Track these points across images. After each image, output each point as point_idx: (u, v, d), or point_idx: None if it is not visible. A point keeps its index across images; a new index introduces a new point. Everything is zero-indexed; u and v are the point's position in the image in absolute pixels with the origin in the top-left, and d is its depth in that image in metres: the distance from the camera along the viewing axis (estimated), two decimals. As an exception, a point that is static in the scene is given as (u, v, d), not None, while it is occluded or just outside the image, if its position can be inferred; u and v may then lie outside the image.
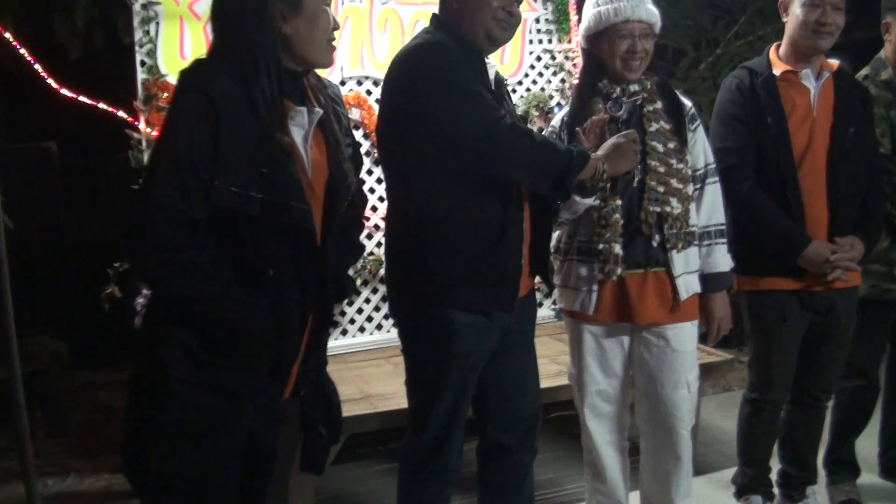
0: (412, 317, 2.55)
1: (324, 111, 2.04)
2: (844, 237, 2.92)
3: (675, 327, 2.73)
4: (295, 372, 2.06)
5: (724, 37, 5.82)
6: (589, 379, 2.80)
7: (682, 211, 2.67)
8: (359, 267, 4.29)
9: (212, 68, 1.87)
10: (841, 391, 3.37)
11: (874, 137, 3.10)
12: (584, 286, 2.70)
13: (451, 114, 2.30)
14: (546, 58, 4.83)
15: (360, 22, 4.38)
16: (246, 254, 1.89)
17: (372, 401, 3.49)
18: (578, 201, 2.54)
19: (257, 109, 1.84)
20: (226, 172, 1.80)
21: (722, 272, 2.79)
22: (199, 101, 1.81)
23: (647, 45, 2.67)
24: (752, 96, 2.96)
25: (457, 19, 2.46)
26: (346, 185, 2.09)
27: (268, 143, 1.85)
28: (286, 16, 1.90)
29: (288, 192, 1.88)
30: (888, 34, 3.29)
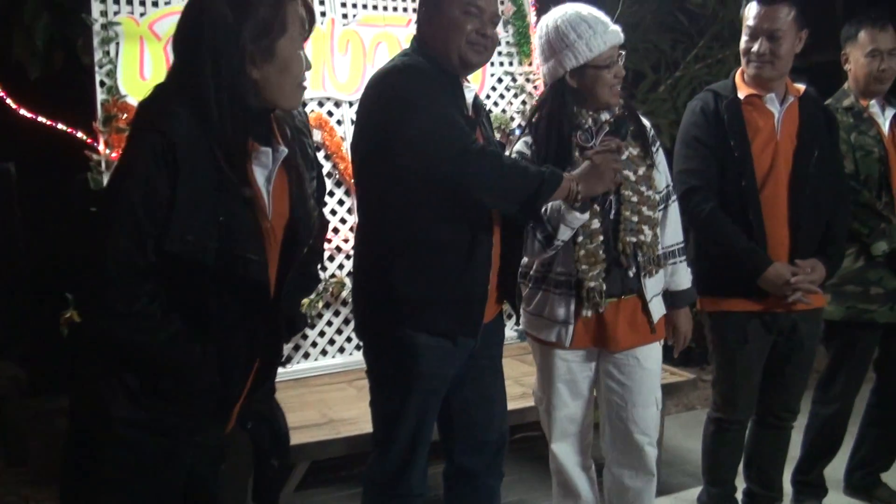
0: (377, 337, 2.54)
1: (289, 148, 1.94)
2: (806, 260, 2.95)
3: (645, 347, 2.74)
4: (237, 408, 1.99)
5: (683, 60, 5.90)
6: (558, 403, 2.78)
7: (653, 237, 2.68)
8: (321, 289, 4.26)
9: (172, 105, 1.75)
10: (814, 416, 3.39)
11: (840, 162, 3.14)
12: (560, 319, 2.67)
13: (421, 136, 2.29)
14: (507, 80, 4.87)
15: (322, 43, 4.37)
16: (193, 300, 1.81)
17: (335, 426, 3.45)
18: (579, 217, 2.49)
19: (217, 157, 1.75)
20: (182, 220, 1.71)
21: (686, 289, 2.82)
22: (158, 142, 1.70)
23: (619, 70, 2.66)
24: (716, 119, 2.99)
25: (431, 43, 2.45)
26: (308, 227, 2.00)
27: (227, 190, 1.76)
28: (257, 61, 1.79)
29: (244, 243, 1.79)
30: (847, 64, 3.39)
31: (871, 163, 3.25)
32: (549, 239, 2.53)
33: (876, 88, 3.33)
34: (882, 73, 3.30)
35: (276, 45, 1.80)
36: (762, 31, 2.92)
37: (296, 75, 1.86)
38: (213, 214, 1.74)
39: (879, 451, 3.57)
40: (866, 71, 3.30)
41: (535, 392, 2.91)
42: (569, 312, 2.65)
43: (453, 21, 2.40)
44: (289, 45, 1.82)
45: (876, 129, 3.31)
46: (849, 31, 3.38)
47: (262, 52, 1.79)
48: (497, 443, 2.68)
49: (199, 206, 1.73)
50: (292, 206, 1.95)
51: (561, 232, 2.51)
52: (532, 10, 4.94)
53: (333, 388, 4.02)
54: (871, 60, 3.29)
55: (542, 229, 2.53)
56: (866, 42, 3.30)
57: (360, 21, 4.51)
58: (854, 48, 3.35)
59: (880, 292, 3.26)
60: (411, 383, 2.46)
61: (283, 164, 1.91)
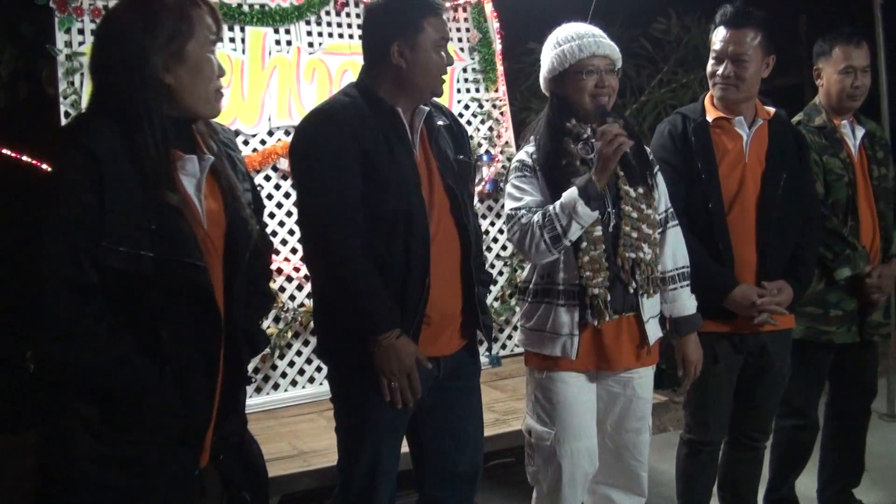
0: (337, 363, 2.55)
1: (216, 157, 1.96)
2: (773, 281, 2.96)
3: (641, 374, 2.74)
4: (210, 437, 1.96)
5: (647, 85, 5.97)
6: (570, 437, 2.68)
7: (653, 256, 2.68)
8: (290, 319, 4.23)
9: (92, 123, 1.79)
10: (779, 430, 3.40)
11: (810, 184, 3.15)
12: (566, 331, 2.64)
13: (301, 192, 2.46)
14: (474, 106, 4.89)
15: (288, 72, 4.39)
16: (142, 318, 1.80)
17: (306, 458, 3.41)
18: (591, 214, 2.49)
19: (142, 164, 1.76)
20: (113, 231, 1.72)
21: (691, 314, 2.81)
22: (81, 158, 1.71)
23: (613, 81, 2.67)
24: (684, 141, 3.01)
25: (398, 77, 2.45)
26: (247, 233, 2.00)
27: (155, 198, 1.77)
28: (169, 65, 1.83)
29: (180, 249, 1.79)
30: (819, 79, 3.41)
31: (840, 187, 3.27)
32: (556, 239, 2.53)
33: (848, 105, 3.35)
34: (855, 91, 3.31)
35: (186, 49, 1.85)
36: (728, 54, 2.95)
37: (208, 78, 1.90)
38: (143, 223, 1.75)
39: (846, 466, 3.58)
40: (839, 87, 3.31)
41: (532, 430, 2.78)
42: (574, 323, 2.62)
43: (431, 58, 2.44)
44: (198, 48, 1.88)
45: (846, 151, 3.32)
46: (822, 47, 3.39)
47: (172, 57, 1.84)
48: (469, 474, 2.66)
49: (128, 216, 1.74)
50: (227, 214, 1.96)
51: (572, 230, 2.51)
52: (497, 38, 4.99)
53: (303, 420, 3.97)
54: (844, 77, 3.30)
55: (549, 229, 2.52)
56: (840, 59, 3.31)
57: (326, 49, 4.53)
58: (827, 64, 3.36)
59: (839, 314, 3.29)
60: (368, 410, 2.46)
61: (213, 173, 1.94)
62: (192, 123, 1.95)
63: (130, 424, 1.79)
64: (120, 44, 1.81)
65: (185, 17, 1.86)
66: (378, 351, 2.35)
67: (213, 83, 1.92)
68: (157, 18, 1.82)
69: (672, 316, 2.80)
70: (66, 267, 1.70)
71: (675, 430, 4.78)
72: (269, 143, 4.33)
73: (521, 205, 2.63)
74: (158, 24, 1.82)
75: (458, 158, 2.58)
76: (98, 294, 1.74)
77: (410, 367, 2.38)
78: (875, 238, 3.35)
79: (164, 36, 1.82)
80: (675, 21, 5.97)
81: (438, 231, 2.47)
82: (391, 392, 2.39)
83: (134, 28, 1.81)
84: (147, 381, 1.78)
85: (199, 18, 1.89)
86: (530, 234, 2.56)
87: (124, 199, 1.73)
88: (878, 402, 4.68)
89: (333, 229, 2.34)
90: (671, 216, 2.81)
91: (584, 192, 2.48)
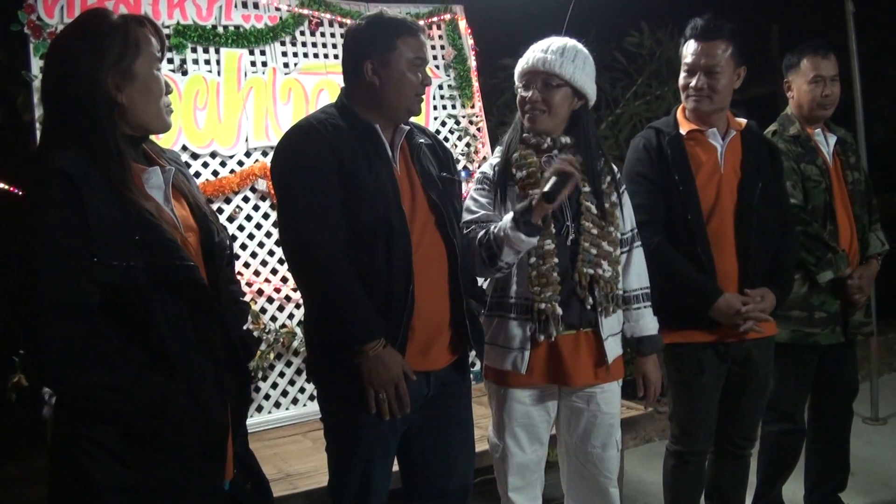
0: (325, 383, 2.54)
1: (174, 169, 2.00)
2: (755, 289, 2.98)
3: (604, 389, 2.73)
4: (231, 446, 1.97)
5: (622, 97, 6.01)
6: (515, 450, 2.74)
7: (613, 274, 2.68)
8: (272, 340, 4.20)
9: (57, 147, 1.80)
10: (766, 435, 3.41)
11: (784, 192, 3.20)
12: (516, 345, 2.65)
13: (282, 206, 2.46)
14: (451, 123, 4.90)
15: (264, 93, 4.38)
16: (145, 331, 1.80)
17: (292, 480, 3.37)
18: (524, 240, 2.48)
19: (113, 180, 1.79)
20: (102, 248, 1.74)
21: (652, 335, 2.81)
22: (59, 182, 1.73)
23: (547, 94, 2.65)
24: (660, 155, 3.03)
25: (372, 95, 2.47)
26: (220, 238, 2.03)
27: (132, 210, 1.79)
28: (120, 85, 1.87)
29: (168, 254, 1.82)
30: (790, 92, 3.49)
31: (818, 193, 3.33)
32: (493, 258, 2.53)
33: (819, 114, 3.43)
34: (825, 99, 3.40)
35: (134, 67, 1.89)
36: (700, 66, 2.98)
37: (157, 95, 1.94)
38: (128, 235, 1.77)
39: (831, 468, 3.61)
40: (810, 97, 3.39)
41: (490, 439, 2.86)
42: (525, 337, 2.63)
43: (404, 77, 2.45)
44: (146, 65, 1.91)
45: (821, 158, 3.39)
46: (791, 60, 3.48)
47: (122, 75, 1.87)
48: (458, 493, 2.65)
49: (112, 230, 1.75)
50: (197, 219, 2.01)
51: (505, 253, 2.51)
52: (472, 55, 5.01)
53: (289, 441, 3.94)
54: (814, 87, 3.39)
55: (486, 248, 2.54)
56: (809, 69, 3.40)
57: (302, 70, 4.53)
58: (797, 76, 3.45)
59: (823, 316, 3.34)
60: (358, 430, 2.44)
61: (174, 185, 1.98)
62: (143, 141, 1.99)
63: (151, 441, 1.78)
64: (71, 67, 1.84)
65: (132, 37, 1.89)
66: (365, 361, 2.34)
67: (163, 99, 1.96)
68: (104, 40, 1.86)
69: (634, 335, 2.80)
70: (66, 290, 1.70)
71: (659, 440, 4.79)
72: (246, 165, 4.31)
73: (472, 218, 2.66)
74: (106, 45, 1.86)
75: (441, 176, 2.59)
76: (103, 317, 1.75)
77: (398, 377, 2.37)
78: (853, 241, 3.42)
79: (113, 56, 1.86)
80: (648, 34, 6.04)
81: (422, 243, 2.47)
82: (378, 403, 2.38)
83: (83, 51, 1.84)
84: (165, 394, 1.78)
85: (145, 38, 1.92)
86: (472, 250, 2.58)
87: (105, 216, 1.75)
88: (863, 406, 4.75)
89: (315, 239, 2.34)
90: (636, 236, 2.81)
91: (515, 219, 2.48)
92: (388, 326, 2.39)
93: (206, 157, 4.23)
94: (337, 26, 4.70)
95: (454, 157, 2.83)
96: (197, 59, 4.28)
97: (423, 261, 2.45)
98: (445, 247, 2.53)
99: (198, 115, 4.20)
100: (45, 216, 1.73)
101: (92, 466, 1.74)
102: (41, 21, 3.88)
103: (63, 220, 1.72)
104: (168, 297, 1.82)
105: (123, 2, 4.07)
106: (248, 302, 2.44)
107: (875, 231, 3.51)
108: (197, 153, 4.19)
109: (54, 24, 3.91)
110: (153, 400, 1.77)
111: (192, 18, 4.26)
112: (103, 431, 1.76)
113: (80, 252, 1.72)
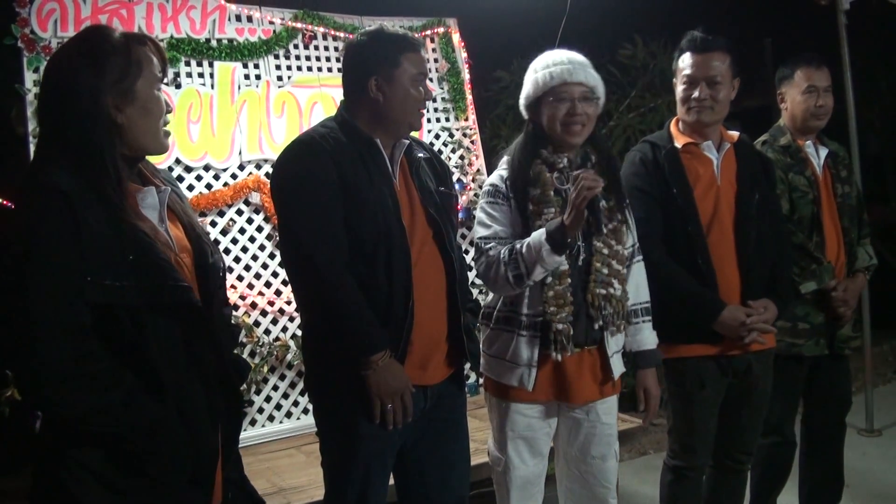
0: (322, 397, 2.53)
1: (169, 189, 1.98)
2: (758, 300, 2.97)
3: (604, 402, 2.72)
4: (220, 473, 1.93)
5: (616, 110, 6.02)
6: (518, 462, 2.72)
7: (622, 292, 2.66)
8: (265, 354, 4.19)
9: (53, 164, 1.76)
10: (758, 449, 3.40)
11: (778, 204, 3.21)
12: (524, 362, 2.62)
13: (284, 220, 2.45)
14: (444, 135, 4.91)
15: (257, 106, 4.38)
16: (136, 352, 1.77)
17: (286, 495, 3.36)
18: (557, 260, 2.48)
19: (108, 199, 1.75)
20: (95, 267, 1.70)
21: (652, 349, 2.79)
22: (54, 199, 1.70)
23: (589, 108, 2.64)
24: (656, 169, 3.03)
25: (376, 110, 2.47)
26: (213, 259, 2.01)
27: (127, 229, 1.76)
28: (120, 106, 1.84)
29: (162, 274, 1.78)
30: (783, 103, 3.51)
31: (805, 204, 3.33)
32: (519, 278, 2.51)
33: (813, 125, 3.44)
34: (819, 110, 3.41)
35: (135, 88, 1.86)
36: (701, 77, 2.98)
37: (157, 116, 1.91)
38: (122, 254, 1.74)
39: (825, 481, 3.59)
40: (804, 108, 3.41)
41: (490, 452, 2.83)
42: (533, 355, 2.60)
43: (407, 92, 2.46)
44: (146, 86, 1.88)
45: (810, 169, 3.40)
46: (784, 72, 3.50)
47: (122, 96, 1.84)
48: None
49: (106, 250, 1.72)
50: (191, 240, 1.98)
51: (536, 273, 2.49)
52: (466, 68, 5.03)
53: (282, 455, 3.93)
54: (808, 97, 3.40)
55: (513, 267, 2.51)
56: (802, 80, 3.42)
57: (295, 83, 4.54)
58: (790, 87, 3.46)
59: (807, 328, 3.34)
60: (356, 445, 2.44)
61: (168, 205, 1.95)
62: (140, 161, 1.96)
63: (139, 466, 1.75)
64: (70, 86, 1.81)
65: (133, 57, 1.86)
66: (372, 373, 2.34)
67: (162, 119, 1.93)
68: (104, 59, 1.82)
69: (633, 350, 2.78)
70: (59, 309, 1.67)
71: (655, 453, 4.78)
72: (240, 178, 4.32)
73: (489, 234, 2.62)
74: (106, 65, 1.82)
75: (439, 190, 2.60)
76: (93, 337, 1.72)
77: (405, 387, 2.38)
78: (840, 253, 3.42)
79: (113, 76, 1.83)
80: (641, 47, 6.05)
81: (421, 257, 2.47)
82: (384, 414, 2.38)
83: (83, 69, 1.81)
84: (156, 417, 1.75)
85: (146, 57, 1.89)
86: (495, 267, 2.55)
87: (99, 235, 1.72)
88: (857, 418, 4.75)
89: (317, 253, 2.33)
90: (637, 251, 2.80)
91: (551, 238, 2.46)
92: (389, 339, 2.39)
93: (199, 169, 4.24)
94: (331, 39, 4.71)
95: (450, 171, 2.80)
96: (190, 73, 4.28)
97: (421, 275, 2.45)
98: (443, 261, 2.53)
99: (191, 129, 4.20)
100: (40, 233, 1.70)
101: (78, 490, 1.71)
102: (35, 35, 3.89)
103: (58, 237, 1.69)
104: (161, 319, 1.78)
105: (117, 15, 4.07)
106: (239, 324, 2.41)
107: (864, 245, 3.51)
108: (190, 166, 4.20)
109: (48, 37, 3.92)
110: (143, 423, 1.74)
111: (186, 32, 4.26)
112: (91, 454, 1.73)
113: (75, 271, 1.68)
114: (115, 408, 1.71)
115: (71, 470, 1.72)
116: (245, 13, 4.47)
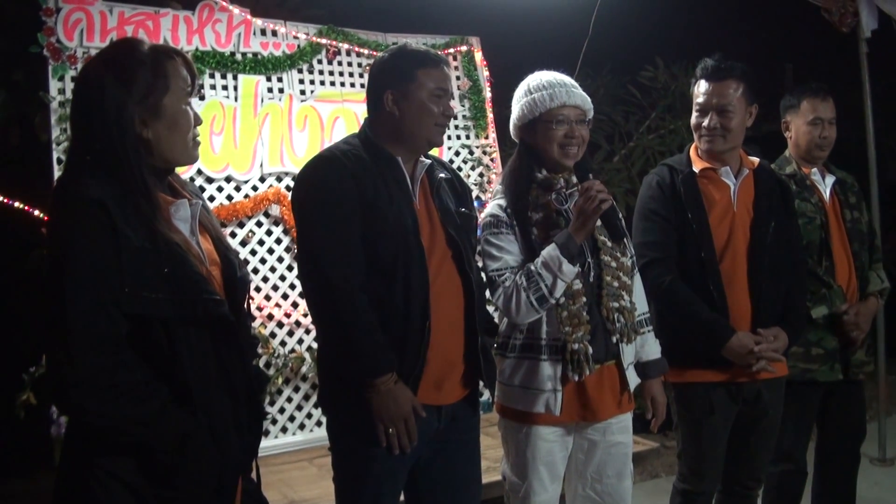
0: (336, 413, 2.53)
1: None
2: (768, 328, 2.97)
3: (619, 419, 2.72)
4: (240, 485, 1.95)
5: (636, 131, 6.03)
6: (539, 489, 2.68)
7: (631, 304, 2.68)
8: (280, 365, 4.21)
9: (88, 176, 1.77)
10: (769, 476, 3.39)
11: (797, 232, 3.20)
12: (549, 387, 2.60)
13: (302, 235, 2.47)
14: (464, 153, 4.94)
15: (280, 119, 4.42)
16: (170, 363, 1.78)
17: (297, 507, 3.38)
18: (573, 269, 2.50)
19: (142, 211, 1.76)
20: (133, 278, 1.71)
21: (658, 358, 2.81)
22: (92, 209, 1.70)
23: (584, 131, 2.66)
24: (673, 193, 3.04)
25: (393, 125, 2.48)
26: (241, 273, 2.01)
27: (161, 242, 1.77)
28: (147, 121, 1.83)
29: (197, 287, 1.79)
30: (788, 132, 3.54)
31: (812, 229, 3.34)
32: (542, 299, 2.52)
33: (817, 155, 3.46)
34: (823, 141, 3.44)
35: (162, 103, 1.85)
36: (712, 106, 3.00)
37: (185, 130, 1.90)
38: (158, 267, 1.75)
39: None
40: (808, 138, 3.44)
41: (507, 477, 2.78)
42: (556, 377, 2.59)
43: (423, 106, 2.46)
44: (174, 101, 1.87)
45: (817, 195, 3.42)
46: (790, 101, 3.53)
47: (149, 112, 1.84)
48: None
49: (143, 262, 1.73)
50: (220, 253, 1.99)
51: (557, 288, 2.51)
52: (487, 86, 5.05)
53: (294, 467, 3.94)
54: (813, 128, 3.43)
55: (535, 290, 2.52)
56: (808, 111, 3.45)
57: (318, 97, 4.58)
58: (796, 117, 3.49)
59: (820, 353, 3.33)
60: (369, 464, 2.43)
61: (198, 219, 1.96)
62: (170, 173, 1.97)
63: (170, 478, 1.76)
64: (98, 100, 1.80)
65: (161, 72, 1.85)
66: (375, 396, 2.34)
67: (191, 133, 1.92)
68: (132, 74, 1.82)
69: (640, 360, 2.79)
70: (96, 319, 1.68)
71: (666, 477, 4.75)
72: (260, 190, 4.36)
73: (500, 265, 2.61)
74: (134, 80, 1.82)
75: (459, 211, 2.60)
76: (127, 348, 1.73)
77: (408, 412, 2.37)
78: (851, 278, 3.41)
79: (141, 91, 1.82)
80: (663, 69, 6.06)
81: (438, 277, 2.46)
82: (388, 438, 2.38)
83: (109, 83, 1.81)
84: (187, 430, 1.76)
85: (175, 71, 1.88)
86: (515, 296, 2.55)
87: (136, 247, 1.73)
88: (870, 447, 4.70)
89: (333, 270, 2.34)
90: (634, 263, 2.81)
91: (565, 248, 2.49)
92: (405, 359, 2.39)
93: (220, 181, 4.28)
94: (354, 56, 4.76)
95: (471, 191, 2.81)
96: (214, 85, 4.33)
97: (439, 295, 2.45)
98: (462, 282, 2.52)
99: (214, 140, 4.24)
100: (79, 244, 1.70)
101: (105, 497, 1.72)
102: (60, 44, 3.95)
103: (97, 248, 1.69)
104: (193, 331, 1.79)
105: (143, 27, 4.13)
106: (256, 335, 2.42)
107: (876, 269, 3.51)
108: (212, 177, 4.24)
109: (73, 46, 3.97)
110: (175, 436, 1.75)
111: (211, 45, 4.31)
112: (121, 463, 1.74)
113: (112, 281, 1.69)
114: (149, 419, 1.72)
115: (99, 478, 1.73)
116: (270, 28, 4.52)
